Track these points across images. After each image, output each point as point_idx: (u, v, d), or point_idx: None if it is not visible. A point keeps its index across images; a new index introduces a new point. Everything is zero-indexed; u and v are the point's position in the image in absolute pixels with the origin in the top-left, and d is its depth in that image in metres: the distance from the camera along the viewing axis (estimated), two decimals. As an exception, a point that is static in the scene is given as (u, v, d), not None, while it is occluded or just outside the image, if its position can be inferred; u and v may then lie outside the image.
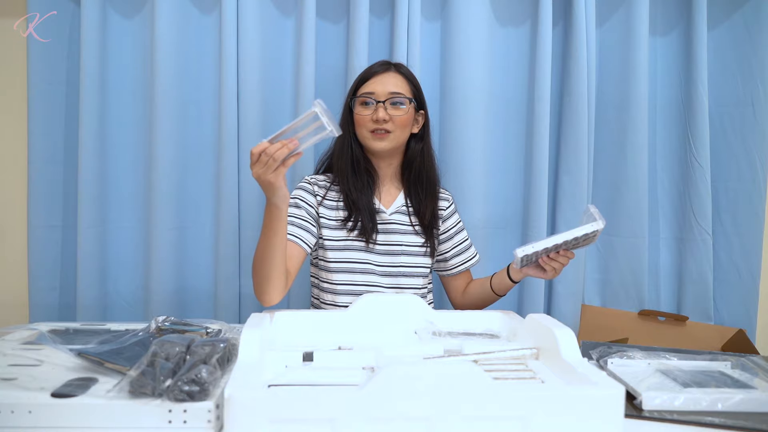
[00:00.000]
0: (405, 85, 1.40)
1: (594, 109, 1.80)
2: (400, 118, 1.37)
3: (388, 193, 1.46)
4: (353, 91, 1.42)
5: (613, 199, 1.83)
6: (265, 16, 1.72)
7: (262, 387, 0.81)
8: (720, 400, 0.91)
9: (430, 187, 1.46)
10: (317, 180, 1.46)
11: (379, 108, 1.36)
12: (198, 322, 1.11)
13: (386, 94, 1.37)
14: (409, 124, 1.41)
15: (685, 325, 1.73)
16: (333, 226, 1.41)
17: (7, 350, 1.01)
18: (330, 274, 1.41)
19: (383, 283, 1.41)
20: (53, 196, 1.73)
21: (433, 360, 0.99)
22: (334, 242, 1.40)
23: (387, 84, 1.38)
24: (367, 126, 1.38)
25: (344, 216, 1.40)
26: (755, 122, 1.82)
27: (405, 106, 1.38)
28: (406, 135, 1.42)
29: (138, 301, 1.76)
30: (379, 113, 1.35)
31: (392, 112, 1.36)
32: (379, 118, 1.35)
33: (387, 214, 1.43)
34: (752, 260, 1.84)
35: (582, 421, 0.77)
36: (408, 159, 1.45)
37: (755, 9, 1.81)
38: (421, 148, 1.45)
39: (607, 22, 1.82)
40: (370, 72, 1.41)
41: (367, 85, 1.39)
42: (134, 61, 1.73)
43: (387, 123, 1.36)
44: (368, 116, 1.37)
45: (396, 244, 1.42)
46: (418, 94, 1.43)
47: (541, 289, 1.79)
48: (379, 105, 1.36)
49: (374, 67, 1.41)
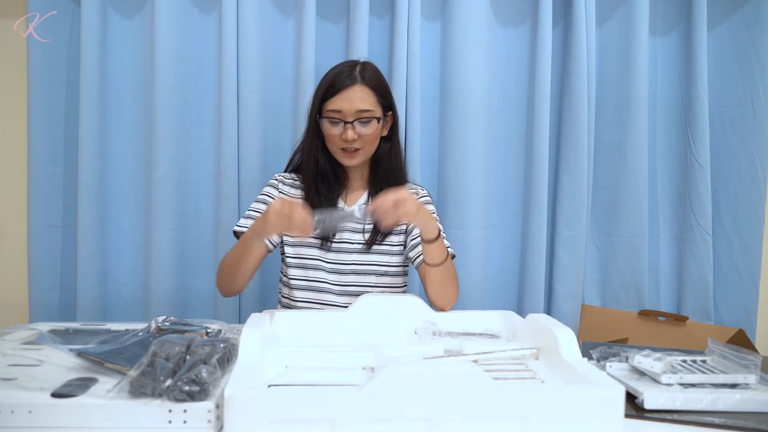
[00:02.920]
0: (372, 98, 1.35)
1: (594, 109, 1.80)
2: (369, 136, 1.35)
3: (355, 193, 1.45)
4: (319, 101, 1.36)
5: (613, 199, 1.83)
6: (265, 16, 1.72)
7: (262, 387, 0.81)
8: (720, 400, 0.91)
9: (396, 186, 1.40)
10: (284, 178, 1.46)
11: (347, 129, 1.33)
12: (198, 322, 1.11)
13: (353, 113, 1.32)
14: (379, 136, 1.39)
15: (685, 325, 1.73)
16: None
17: (7, 350, 1.01)
18: (288, 269, 1.42)
19: (331, 280, 1.39)
20: (53, 196, 1.73)
21: (433, 360, 0.99)
22: (293, 238, 1.41)
23: (354, 101, 1.32)
24: (337, 143, 1.36)
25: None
26: (755, 122, 1.82)
27: (373, 124, 1.35)
28: (375, 146, 1.40)
29: (138, 301, 1.76)
30: (348, 134, 1.33)
31: (360, 130, 1.34)
32: (348, 139, 1.33)
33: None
34: (752, 260, 1.84)
35: (582, 421, 0.77)
36: (376, 159, 1.43)
37: (755, 9, 1.81)
38: (389, 148, 1.42)
39: (607, 22, 1.82)
40: (336, 85, 1.34)
41: (334, 101, 1.33)
42: (134, 61, 1.73)
43: (356, 142, 1.34)
44: (337, 135, 1.35)
45: (348, 242, 1.41)
46: (386, 100, 1.39)
47: (541, 289, 1.79)
48: (348, 126, 1.33)
49: (341, 79, 1.34)
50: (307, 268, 1.40)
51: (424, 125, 1.77)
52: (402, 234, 1.43)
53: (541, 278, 1.79)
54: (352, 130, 1.33)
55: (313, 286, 1.40)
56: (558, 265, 1.83)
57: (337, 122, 1.34)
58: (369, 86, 1.35)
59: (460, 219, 1.75)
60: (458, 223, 1.74)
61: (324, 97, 1.35)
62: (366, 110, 1.33)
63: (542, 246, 1.78)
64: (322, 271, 1.40)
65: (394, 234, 1.42)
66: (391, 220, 1.14)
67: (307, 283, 1.40)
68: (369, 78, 1.36)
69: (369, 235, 1.40)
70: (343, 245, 1.40)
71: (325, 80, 1.37)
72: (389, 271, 1.42)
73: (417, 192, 1.48)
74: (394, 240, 1.42)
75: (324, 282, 1.40)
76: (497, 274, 1.85)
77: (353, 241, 1.41)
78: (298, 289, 1.41)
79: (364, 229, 1.41)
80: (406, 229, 1.43)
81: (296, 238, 1.35)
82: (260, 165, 1.72)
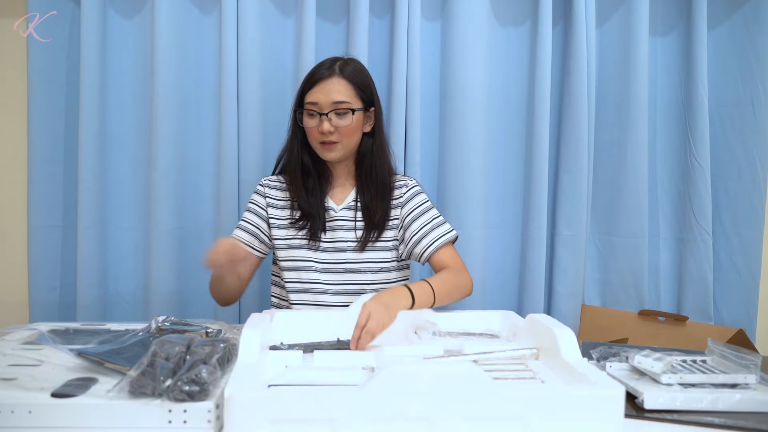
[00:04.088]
0: (349, 91, 1.34)
1: (594, 109, 1.80)
2: (346, 128, 1.34)
3: (342, 191, 1.44)
4: (300, 96, 1.37)
5: (613, 199, 1.83)
6: (265, 16, 1.72)
7: (262, 387, 0.81)
8: (720, 400, 0.91)
9: (381, 184, 1.41)
10: (270, 182, 1.46)
11: (323, 121, 1.33)
12: (198, 322, 1.11)
13: (329, 104, 1.32)
14: (358, 130, 1.38)
15: (685, 325, 1.73)
16: (282, 225, 1.41)
17: (7, 350, 1.01)
18: (283, 272, 1.42)
19: (325, 279, 1.39)
20: (53, 196, 1.74)
21: (433, 360, 0.99)
22: (282, 241, 1.41)
23: (330, 92, 1.32)
24: (316, 137, 1.36)
25: (295, 216, 1.40)
26: (755, 122, 1.82)
27: (350, 116, 1.34)
28: (356, 140, 1.39)
29: (138, 301, 1.76)
30: (324, 126, 1.32)
31: (337, 122, 1.33)
32: (324, 131, 1.33)
33: (335, 211, 1.41)
34: (752, 260, 1.84)
35: (582, 421, 0.77)
36: (360, 155, 1.42)
37: (755, 9, 1.81)
38: (371, 144, 1.41)
39: (607, 22, 1.82)
40: (314, 77, 1.35)
41: (311, 93, 1.34)
42: (134, 61, 1.73)
43: (333, 134, 1.34)
44: (314, 128, 1.35)
45: (341, 240, 1.40)
46: (366, 95, 1.38)
47: (541, 289, 1.79)
48: (324, 117, 1.32)
49: (320, 71, 1.35)
50: (299, 270, 1.40)
51: (424, 125, 1.77)
52: (394, 229, 1.42)
53: (541, 278, 1.79)
54: (327, 122, 1.33)
55: (308, 288, 1.40)
56: (558, 265, 1.83)
57: (314, 114, 1.34)
58: (347, 79, 1.35)
59: (460, 219, 1.74)
60: (458, 223, 1.74)
61: (303, 90, 1.37)
62: (342, 102, 1.33)
63: (542, 246, 1.78)
64: (314, 272, 1.39)
65: (387, 229, 1.42)
66: (368, 339, 1.06)
67: (301, 285, 1.40)
68: (348, 72, 1.36)
69: (361, 233, 1.40)
70: (337, 244, 1.40)
71: (306, 75, 1.39)
72: (384, 268, 1.41)
73: (406, 183, 1.45)
74: (388, 235, 1.42)
75: (318, 283, 1.39)
76: (497, 274, 1.84)
77: (347, 239, 1.40)
78: (293, 292, 1.40)
79: (356, 226, 1.40)
80: (399, 225, 1.42)
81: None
82: (260, 165, 1.72)
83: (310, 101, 1.34)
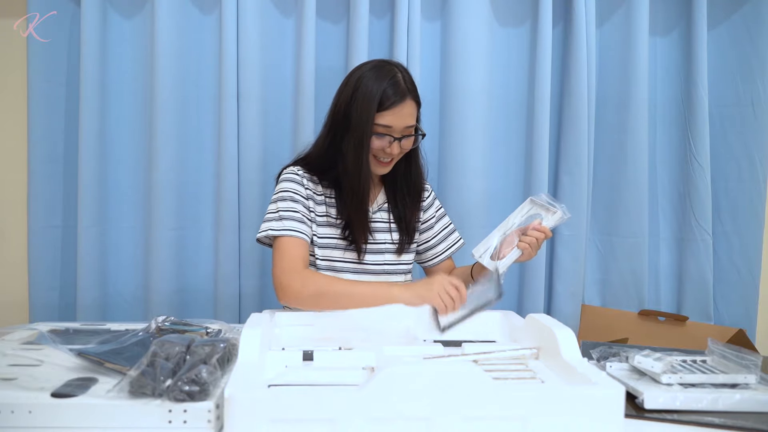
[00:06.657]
0: (416, 112, 1.35)
1: (594, 109, 1.80)
2: (408, 147, 1.36)
3: (373, 193, 1.44)
4: (367, 113, 1.28)
5: (613, 199, 1.83)
6: (265, 16, 1.72)
7: (262, 387, 0.81)
8: (720, 400, 0.91)
9: (416, 192, 1.44)
10: (303, 173, 1.38)
11: (394, 145, 1.32)
12: (198, 322, 1.11)
13: (402, 129, 1.31)
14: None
15: (685, 325, 1.73)
16: (320, 222, 1.37)
17: (7, 350, 1.01)
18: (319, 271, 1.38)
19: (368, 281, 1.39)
20: (53, 196, 1.73)
21: (433, 360, 0.99)
22: (321, 239, 1.37)
23: (404, 117, 1.30)
24: (377, 154, 1.34)
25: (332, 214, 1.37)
26: (755, 122, 1.82)
27: (414, 136, 1.35)
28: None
29: (138, 301, 1.76)
30: (394, 150, 1.32)
31: (405, 144, 1.34)
32: (394, 153, 1.33)
33: (371, 213, 1.41)
34: (752, 260, 1.84)
35: (582, 421, 0.77)
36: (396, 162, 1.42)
37: (755, 9, 1.81)
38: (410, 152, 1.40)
39: (607, 22, 1.82)
40: (390, 99, 1.28)
41: (384, 116, 1.29)
42: (134, 61, 1.73)
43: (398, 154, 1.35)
44: (381, 148, 1.32)
45: (381, 242, 1.40)
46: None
47: (541, 289, 1.79)
48: (395, 142, 1.31)
49: (393, 95, 1.29)
50: (336, 271, 1.37)
51: (424, 125, 1.75)
52: (418, 232, 1.46)
53: (542, 278, 1.79)
54: (398, 145, 1.32)
55: None
56: (558, 265, 1.83)
57: (384, 136, 1.31)
58: (415, 100, 1.34)
59: (460, 219, 1.74)
60: (458, 223, 1.73)
61: (372, 108, 1.29)
62: (412, 125, 1.33)
63: (542, 246, 1.77)
64: (348, 273, 1.38)
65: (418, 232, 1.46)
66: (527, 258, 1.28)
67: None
68: (414, 91, 1.34)
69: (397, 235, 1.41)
70: (376, 246, 1.40)
71: (372, 91, 1.28)
72: (410, 269, 1.45)
73: (426, 188, 1.50)
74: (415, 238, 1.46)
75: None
76: (497, 274, 1.84)
77: (385, 241, 1.41)
78: None
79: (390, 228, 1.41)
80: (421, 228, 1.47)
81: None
82: (260, 165, 1.72)
83: (383, 123, 1.30)
